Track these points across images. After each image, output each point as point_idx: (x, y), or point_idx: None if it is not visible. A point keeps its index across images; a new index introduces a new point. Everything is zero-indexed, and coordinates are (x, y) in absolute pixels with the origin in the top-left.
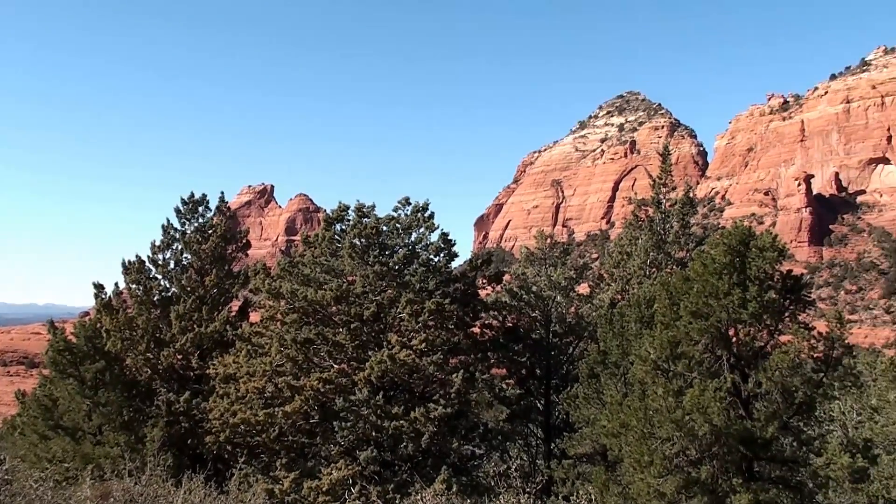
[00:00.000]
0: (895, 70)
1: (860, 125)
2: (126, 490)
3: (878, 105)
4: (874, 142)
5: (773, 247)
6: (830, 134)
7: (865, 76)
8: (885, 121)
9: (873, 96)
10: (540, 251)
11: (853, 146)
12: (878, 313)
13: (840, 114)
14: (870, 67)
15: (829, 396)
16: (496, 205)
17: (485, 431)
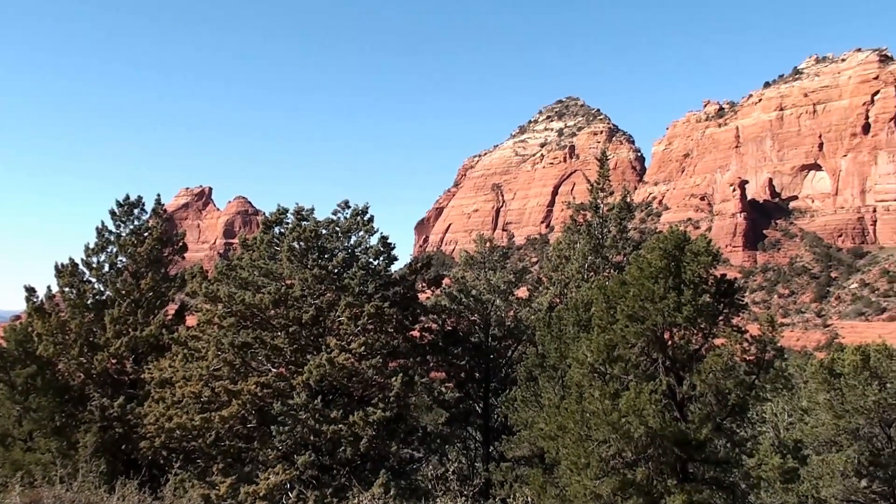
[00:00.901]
0: (826, 79)
1: (793, 132)
2: (57, 497)
3: (809, 113)
4: (806, 149)
5: (707, 251)
6: (764, 140)
7: (798, 84)
8: (817, 128)
9: (805, 104)
10: (479, 255)
11: (786, 153)
12: (810, 316)
13: (773, 121)
14: (802, 76)
15: (762, 398)
16: (437, 208)
17: (424, 435)
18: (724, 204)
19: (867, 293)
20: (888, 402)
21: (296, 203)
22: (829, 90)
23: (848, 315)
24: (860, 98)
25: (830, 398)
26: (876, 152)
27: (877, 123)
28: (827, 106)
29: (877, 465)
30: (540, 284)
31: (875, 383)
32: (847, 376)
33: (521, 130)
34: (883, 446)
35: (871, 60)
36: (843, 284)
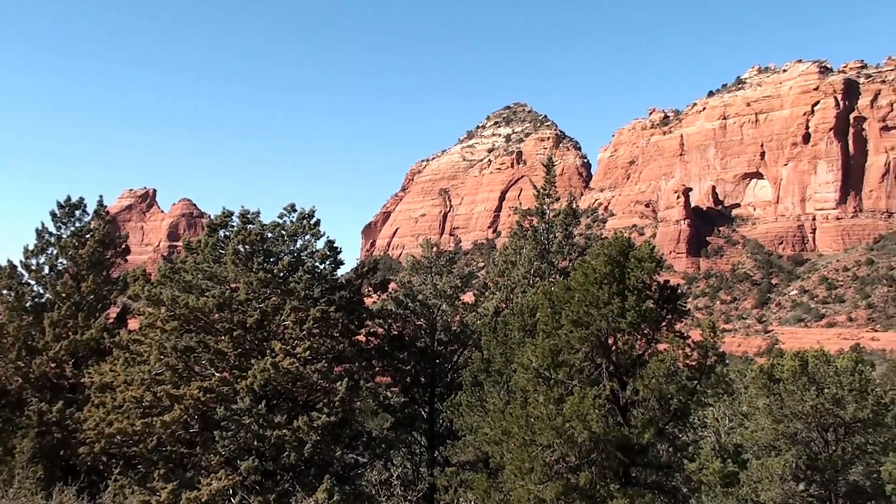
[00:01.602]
0: (768, 89)
1: (735, 141)
2: None
3: (752, 122)
4: (748, 157)
5: (651, 258)
6: (708, 149)
7: (741, 94)
8: (759, 137)
9: (748, 113)
10: (426, 259)
11: (729, 161)
12: (751, 322)
13: (717, 129)
14: (745, 86)
15: (703, 403)
16: (384, 213)
17: (369, 440)
18: (669, 211)
19: (806, 300)
20: (825, 407)
21: (241, 206)
22: (770, 100)
23: (788, 321)
24: (801, 108)
25: (770, 403)
26: (816, 162)
27: (816, 133)
28: (769, 115)
29: (814, 469)
30: (486, 289)
31: (813, 388)
32: (786, 382)
33: (469, 136)
34: (820, 450)
35: (812, 72)
36: (784, 291)
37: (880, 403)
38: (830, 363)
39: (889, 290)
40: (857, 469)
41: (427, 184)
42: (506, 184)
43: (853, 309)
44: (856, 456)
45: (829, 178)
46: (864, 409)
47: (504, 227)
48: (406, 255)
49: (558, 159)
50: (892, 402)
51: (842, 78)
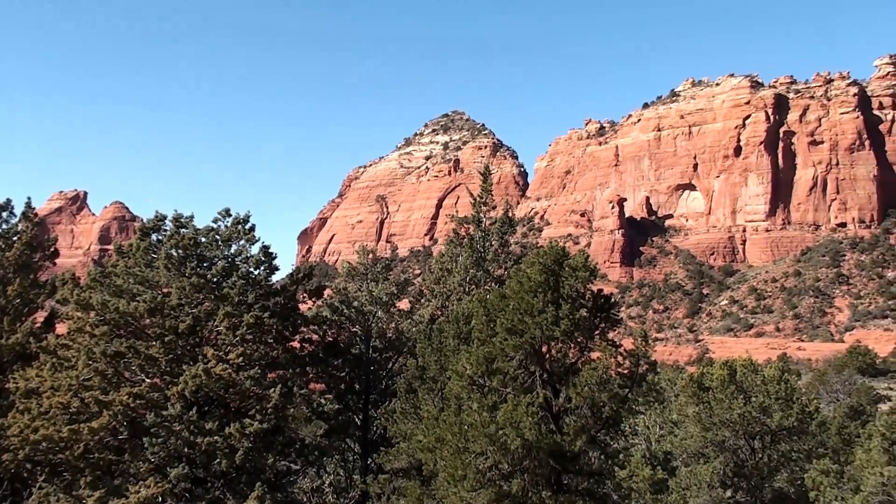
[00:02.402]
0: (702, 102)
1: (669, 152)
2: None
3: (685, 134)
4: (682, 169)
5: (585, 267)
6: (642, 160)
7: (675, 106)
8: (692, 149)
9: (681, 126)
10: (362, 266)
11: (663, 172)
12: (682, 332)
13: (651, 141)
14: (679, 98)
15: (634, 411)
16: (320, 218)
17: (302, 447)
18: (604, 220)
19: (736, 310)
20: (752, 416)
21: (175, 210)
22: (703, 113)
23: (718, 331)
24: (733, 121)
25: (699, 411)
26: (746, 174)
27: (748, 146)
28: (702, 128)
29: (741, 476)
30: (422, 297)
31: (741, 397)
32: (715, 390)
33: (406, 143)
34: (747, 458)
35: (744, 86)
36: (714, 301)
37: (805, 412)
38: (758, 372)
39: (815, 301)
40: (782, 476)
41: (364, 190)
42: (443, 191)
43: (781, 319)
44: (781, 463)
45: (760, 190)
46: (789, 417)
47: (441, 234)
48: (342, 262)
49: (495, 168)
50: (817, 411)
51: (772, 93)
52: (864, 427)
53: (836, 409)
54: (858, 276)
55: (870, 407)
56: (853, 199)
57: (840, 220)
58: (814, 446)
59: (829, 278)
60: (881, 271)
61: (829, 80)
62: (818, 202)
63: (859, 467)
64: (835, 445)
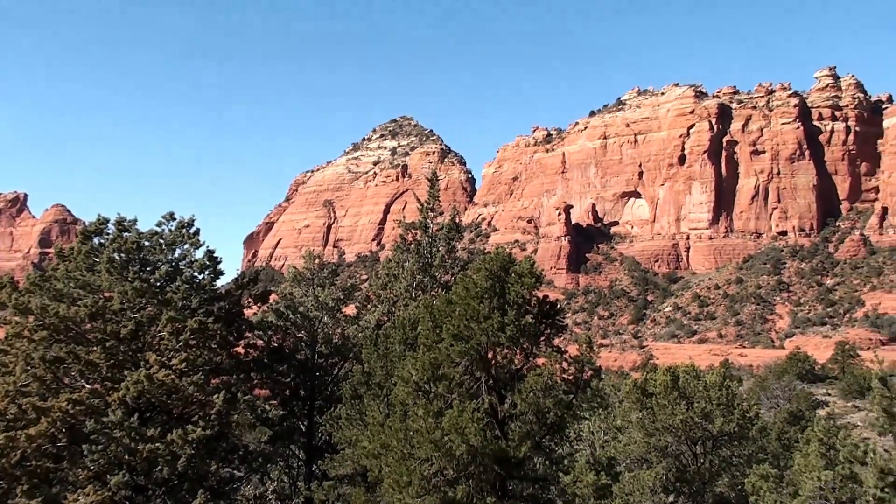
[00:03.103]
0: (647, 111)
1: (615, 160)
2: None
3: (631, 142)
4: (627, 176)
5: (531, 273)
6: (589, 167)
7: (621, 115)
8: (638, 157)
9: (627, 134)
10: (308, 271)
11: (609, 180)
12: (627, 338)
13: (598, 149)
14: (625, 107)
15: (579, 417)
16: (267, 223)
17: (245, 453)
18: (550, 227)
19: (680, 316)
20: (694, 421)
21: (118, 213)
22: (649, 121)
23: (662, 337)
24: (677, 130)
25: (643, 417)
26: (690, 182)
27: (692, 155)
28: (647, 136)
29: (683, 482)
30: (368, 302)
31: (683, 403)
32: (658, 396)
33: (354, 148)
34: (689, 463)
35: (688, 95)
36: (659, 307)
37: (746, 417)
38: (700, 378)
39: (756, 308)
40: (724, 481)
41: (312, 195)
42: (391, 197)
43: (723, 326)
44: (722, 468)
45: (703, 198)
46: (730, 422)
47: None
48: (288, 267)
49: (443, 174)
50: (757, 416)
51: (716, 102)
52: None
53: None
54: (798, 284)
55: (808, 412)
56: (793, 207)
57: (781, 229)
58: (754, 451)
59: (770, 286)
60: (820, 279)
61: (770, 91)
62: (760, 211)
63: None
64: (775, 450)
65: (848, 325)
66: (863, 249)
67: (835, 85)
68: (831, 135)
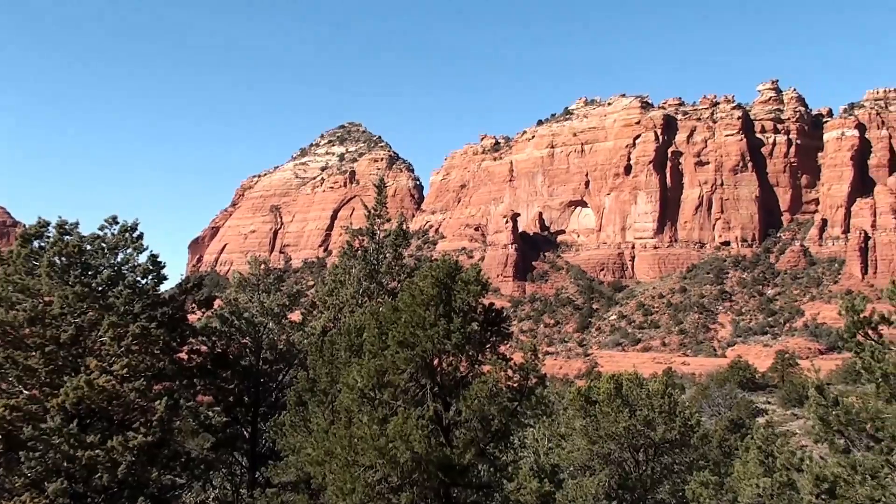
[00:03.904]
0: (594, 120)
1: (562, 169)
2: None
3: (578, 152)
4: (574, 185)
5: (477, 281)
6: (536, 176)
7: (568, 124)
8: (584, 166)
9: (574, 143)
10: (254, 277)
11: (556, 188)
12: (572, 346)
13: (545, 157)
14: (572, 116)
15: (524, 424)
16: (213, 227)
17: (187, 460)
18: (497, 235)
19: (624, 324)
20: (637, 429)
21: (59, 216)
22: (595, 131)
23: (607, 345)
24: (623, 140)
25: (586, 424)
26: (636, 192)
27: (637, 165)
28: (594, 146)
29: (625, 489)
30: (314, 308)
31: (626, 410)
32: (602, 404)
33: (302, 153)
34: (631, 470)
35: (634, 106)
36: (604, 316)
37: (687, 425)
38: (643, 386)
39: (699, 317)
40: (665, 488)
41: (258, 200)
42: (338, 203)
43: (667, 334)
44: (664, 475)
45: (648, 208)
46: (672, 430)
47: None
48: (234, 272)
49: (391, 180)
50: (698, 424)
51: (661, 113)
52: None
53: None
54: (740, 294)
55: (749, 420)
56: (736, 218)
57: (724, 239)
58: (695, 459)
59: (712, 295)
60: (761, 289)
61: (715, 103)
62: (703, 221)
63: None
64: (715, 458)
65: (788, 335)
66: (803, 260)
67: (777, 98)
68: (773, 147)
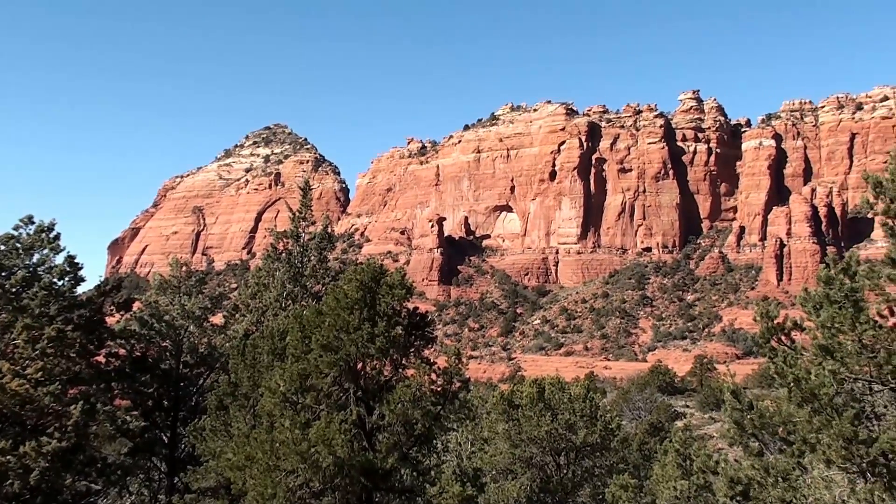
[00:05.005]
0: (520, 126)
1: (488, 174)
2: None
3: (504, 157)
4: (499, 190)
5: (401, 284)
6: (462, 180)
7: (494, 129)
8: (510, 172)
9: (500, 148)
10: (175, 279)
11: (481, 193)
12: (497, 350)
13: (471, 162)
14: (498, 122)
15: (447, 428)
16: (133, 228)
17: (104, 466)
18: (423, 239)
19: (548, 329)
20: (559, 433)
21: None
22: (521, 137)
23: (530, 349)
24: (549, 147)
25: (509, 428)
26: (560, 198)
27: (562, 171)
28: (519, 152)
29: (546, 492)
30: (237, 311)
31: (548, 414)
32: (524, 408)
33: (226, 154)
34: (553, 473)
35: (559, 113)
36: (528, 320)
37: (608, 429)
38: (565, 390)
39: (621, 321)
40: (585, 491)
41: (181, 201)
42: (263, 205)
43: (589, 339)
44: (584, 478)
45: (572, 214)
46: (593, 434)
47: (259, 248)
48: (154, 274)
49: (317, 183)
50: (619, 428)
51: (586, 120)
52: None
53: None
54: (661, 299)
55: (668, 424)
56: (658, 225)
57: (645, 245)
58: (615, 462)
59: (634, 300)
60: (681, 294)
61: (638, 112)
62: (626, 227)
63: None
64: (635, 461)
65: (706, 340)
66: (721, 266)
67: (698, 108)
68: (694, 155)
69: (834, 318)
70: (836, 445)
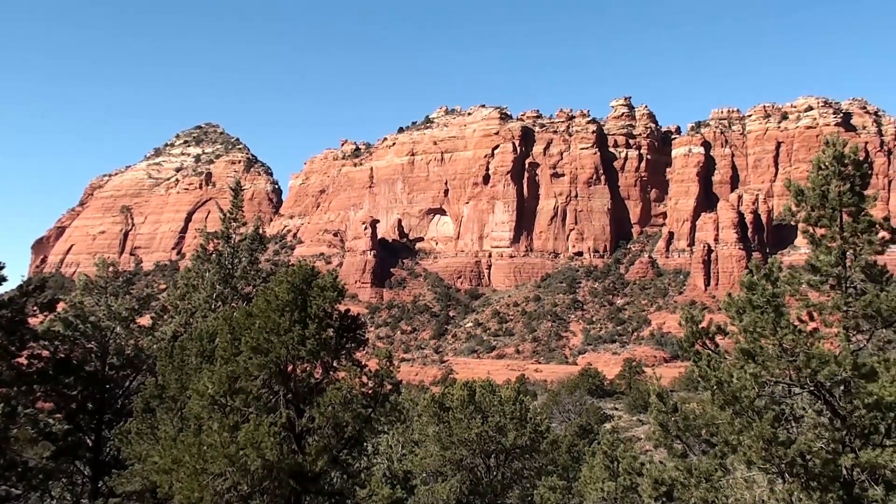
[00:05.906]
0: (454, 129)
1: (422, 177)
2: None
3: (438, 160)
4: (433, 193)
5: (333, 287)
6: (396, 183)
7: (429, 132)
8: (444, 175)
9: (434, 151)
10: (101, 279)
11: (415, 196)
12: (429, 352)
13: (405, 165)
14: (433, 125)
15: (378, 431)
16: (58, 227)
17: (24, 470)
18: (356, 241)
19: (480, 332)
20: (489, 435)
21: None
22: (455, 140)
23: (462, 352)
24: (483, 150)
25: (439, 431)
26: (494, 202)
27: (496, 175)
28: (454, 155)
29: (476, 494)
30: (165, 313)
31: (479, 417)
32: (455, 410)
33: (156, 153)
34: (483, 475)
35: (494, 117)
36: (460, 323)
37: (538, 431)
38: (495, 393)
39: (552, 325)
40: (515, 492)
41: (108, 200)
42: (193, 205)
43: (521, 342)
44: (514, 480)
45: (505, 218)
46: (523, 436)
47: (189, 249)
48: (80, 274)
49: (249, 184)
50: (548, 430)
51: (520, 125)
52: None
53: (567, 428)
54: (591, 303)
55: (597, 426)
56: (589, 230)
57: (577, 250)
58: (544, 464)
59: (565, 304)
60: (611, 298)
61: (571, 117)
62: (558, 231)
63: (584, 483)
64: (564, 463)
65: (635, 343)
66: (650, 271)
67: (629, 114)
68: (625, 161)
69: (756, 323)
70: (757, 447)
